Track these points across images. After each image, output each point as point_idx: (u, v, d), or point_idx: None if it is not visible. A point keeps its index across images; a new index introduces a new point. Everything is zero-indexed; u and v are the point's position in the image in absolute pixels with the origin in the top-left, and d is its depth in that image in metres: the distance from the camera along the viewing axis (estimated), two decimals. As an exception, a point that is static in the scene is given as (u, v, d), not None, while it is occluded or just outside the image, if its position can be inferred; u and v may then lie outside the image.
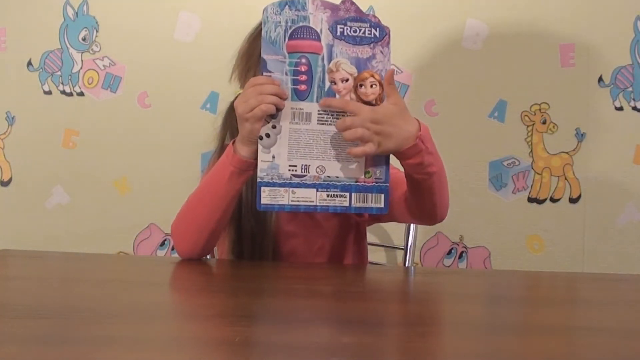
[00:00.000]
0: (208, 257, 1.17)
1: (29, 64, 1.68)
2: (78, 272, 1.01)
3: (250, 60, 1.11)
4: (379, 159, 0.94)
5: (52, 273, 0.99)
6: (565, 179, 1.61)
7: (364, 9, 1.61)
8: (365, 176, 0.95)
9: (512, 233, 1.62)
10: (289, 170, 0.95)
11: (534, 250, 1.62)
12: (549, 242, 1.62)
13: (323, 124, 0.94)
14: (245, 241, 1.09)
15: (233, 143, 1.01)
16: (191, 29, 1.65)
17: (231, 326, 0.68)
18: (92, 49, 1.67)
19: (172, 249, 1.66)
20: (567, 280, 1.09)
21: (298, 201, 0.96)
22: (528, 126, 1.61)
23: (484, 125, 1.61)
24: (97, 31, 1.66)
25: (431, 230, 1.62)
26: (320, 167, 0.95)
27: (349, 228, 1.15)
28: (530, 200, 1.62)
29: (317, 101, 0.94)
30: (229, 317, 0.72)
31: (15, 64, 1.68)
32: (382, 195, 0.95)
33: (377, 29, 0.95)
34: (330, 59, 0.94)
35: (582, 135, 1.60)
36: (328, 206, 0.95)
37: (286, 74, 0.94)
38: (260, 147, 0.95)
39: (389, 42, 0.95)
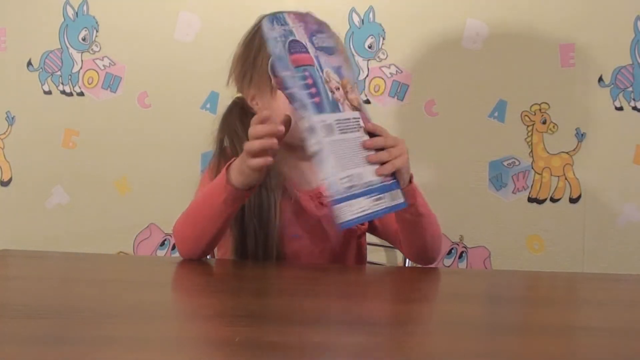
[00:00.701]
0: (208, 257, 1.17)
1: (29, 64, 1.68)
2: (78, 272, 1.01)
3: (246, 64, 1.11)
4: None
5: (52, 273, 0.99)
6: (565, 179, 1.61)
7: (363, 9, 1.62)
8: (383, 179, 0.95)
9: (512, 233, 1.62)
10: (341, 182, 0.91)
11: (534, 250, 1.62)
12: (549, 242, 1.62)
13: (344, 132, 0.93)
14: (249, 242, 1.10)
15: (228, 167, 1.01)
16: (191, 29, 1.65)
17: (231, 326, 0.68)
18: (92, 49, 1.66)
19: (172, 248, 1.66)
20: (567, 280, 1.09)
21: (356, 213, 0.92)
22: (528, 126, 1.61)
23: (484, 125, 1.61)
24: (97, 31, 1.66)
25: (431, 230, 1.62)
26: (358, 175, 0.93)
27: (353, 232, 1.15)
28: (530, 200, 1.62)
29: (330, 111, 0.92)
30: (229, 317, 0.73)
31: (15, 64, 1.68)
32: (399, 191, 0.95)
33: (332, 39, 0.95)
34: (321, 70, 0.93)
35: (582, 135, 1.60)
36: (377, 211, 0.93)
37: (300, 89, 0.92)
38: (316, 166, 0.92)
39: (343, 48, 0.96)
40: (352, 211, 0.93)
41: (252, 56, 1.10)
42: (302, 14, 0.95)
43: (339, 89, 0.94)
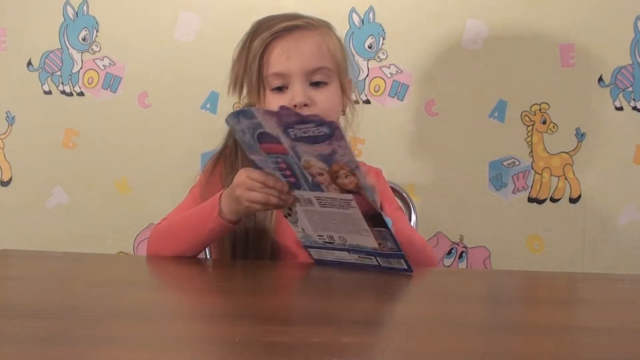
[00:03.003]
0: (208, 257, 1.17)
1: (29, 64, 1.68)
2: (78, 272, 1.01)
3: (239, 64, 1.13)
4: (384, 234, 0.94)
5: (52, 273, 0.99)
6: (565, 179, 1.61)
7: (363, 9, 1.62)
8: (380, 247, 0.96)
9: (512, 233, 1.62)
10: (319, 238, 0.99)
11: (534, 250, 1.62)
12: (549, 242, 1.62)
13: (325, 206, 0.94)
14: (244, 241, 1.10)
15: (220, 196, 1.01)
16: (191, 29, 1.65)
17: (231, 326, 0.68)
18: (92, 49, 1.66)
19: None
20: (567, 280, 1.09)
21: (340, 258, 1.01)
22: (528, 126, 1.61)
23: (484, 125, 1.61)
24: (97, 31, 1.66)
25: (431, 230, 1.62)
26: (341, 237, 0.97)
27: None
28: (530, 200, 1.62)
29: (310, 190, 0.93)
30: (229, 317, 0.73)
31: (15, 64, 1.68)
32: (402, 260, 0.96)
33: (324, 126, 0.84)
34: (299, 158, 0.89)
35: (582, 135, 1.60)
36: (363, 264, 0.99)
37: (274, 170, 0.94)
38: (289, 222, 1.00)
39: (342, 135, 0.84)
40: (328, 255, 1.01)
41: (243, 61, 1.11)
42: (275, 111, 0.86)
43: (322, 174, 0.89)
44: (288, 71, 1.07)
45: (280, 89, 1.09)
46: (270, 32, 1.08)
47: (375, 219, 0.93)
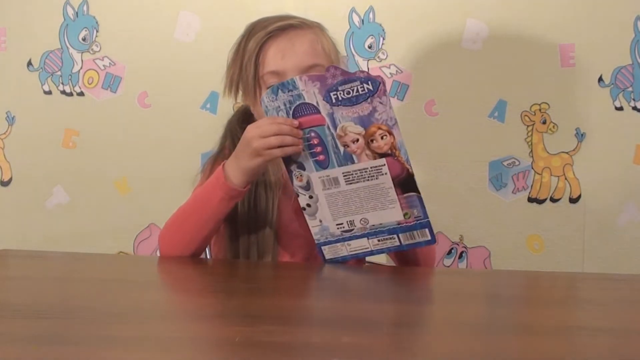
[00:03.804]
0: (208, 256, 1.17)
1: (29, 64, 1.68)
2: (78, 272, 1.01)
3: (234, 66, 1.13)
4: (412, 200, 0.97)
5: (52, 273, 0.99)
6: (565, 179, 1.61)
7: (363, 9, 1.62)
8: (405, 217, 0.98)
9: (512, 233, 1.62)
10: (338, 228, 1.01)
11: (534, 250, 1.62)
12: (549, 242, 1.62)
13: (351, 183, 0.97)
14: (245, 241, 1.10)
15: (223, 165, 1.02)
16: (191, 29, 1.65)
17: (231, 326, 0.68)
18: (92, 49, 1.66)
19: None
20: (567, 280, 1.09)
21: (356, 250, 1.03)
22: (528, 126, 1.61)
23: (484, 125, 1.61)
24: (97, 31, 1.66)
25: (431, 230, 1.61)
26: (363, 219, 0.99)
27: None
28: (530, 200, 1.62)
29: (338, 166, 0.96)
30: (229, 317, 0.73)
31: (15, 64, 1.68)
32: (426, 230, 0.99)
33: (369, 83, 0.94)
34: (335, 126, 0.95)
35: (582, 135, 1.60)
36: (382, 249, 1.02)
37: (303, 150, 0.97)
38: (306, 216, 1.01)
39: (385, 91, 0.94)
40: (343, 250, 1.03)
41: (238, 63, 1.12)
42: (321, 74, 0.95)
43: (358, 140, 0.95)
44: (283, 69, 1.08)
45: None
46: (265, 31, 1.09)
47: (404, 184, 0.97)
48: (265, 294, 0.87)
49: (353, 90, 0.93)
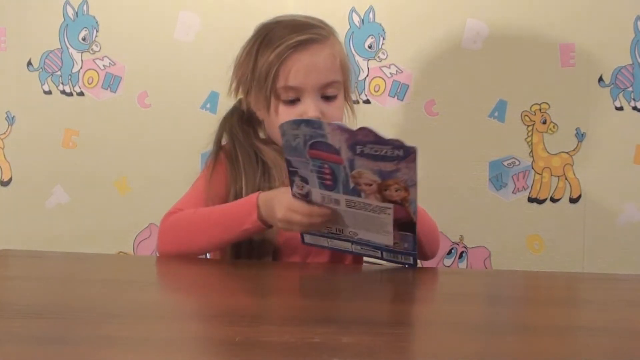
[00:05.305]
0: (208, 256, 1.17)
1: (29, 64, 1.68)
2: (78, 272, 1.01)
3: (244, 69, 1.13)
4: (406, 237, 0.95)
5: (52, 273, 0.99)
6: (566, 179, 1.61)
7: (363, 9, 1.62)
8: (394, 245, 0.97)
9: (512, 233, 1.62)
10: (325, 229, 0.99)
11: (534, 250, 1.62)
12: (549, 242, 1.62)
13: (352, 208, 0.94)
14: (246, 241, 1.10)
15: (258, 198, 1.02)
16: (191, 29, 1.65)
17: (231, 326, 0.68)
18: (92, 49, 1.66)
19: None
20: (567, 280, 1.09)
21: (337, 246, 1.02)
22: (528, 126, 1.61)
23: (484, 125, 1.61)
24: (97, 31, 1.66)
25: (431, 230, 1.61)
26: (352, 232, 0.98)
27: None
28: (530, 200, 1.62)
29: (344, 193, 0.92)
30: (229, 317, 0.73)
31: (15, 64, 1.68)
32: (411, 257, 0.98)
33: (401, 150, 0.85)
34: (352, 168, 0.89)
35: (582, 135, 1.60)
36: (361, 253, 1.01)
37: (311, 172, 0.93)
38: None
39: (415, 159, 0.85)
40: (323, 242, 1.02)
41: (250, 67, 1.12)
42: (354, 130, 0.87)
43: (371, 185, 0.90)
44: (304, 86, 1.08)
45: (292, 101, 1.10)
46: (286, 45, 1.08)
47: (403, 226, 0.94)
48: (266, 294, 0.87)
49: (382, 151, 0.86)
